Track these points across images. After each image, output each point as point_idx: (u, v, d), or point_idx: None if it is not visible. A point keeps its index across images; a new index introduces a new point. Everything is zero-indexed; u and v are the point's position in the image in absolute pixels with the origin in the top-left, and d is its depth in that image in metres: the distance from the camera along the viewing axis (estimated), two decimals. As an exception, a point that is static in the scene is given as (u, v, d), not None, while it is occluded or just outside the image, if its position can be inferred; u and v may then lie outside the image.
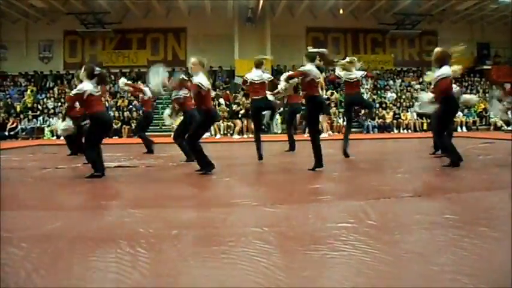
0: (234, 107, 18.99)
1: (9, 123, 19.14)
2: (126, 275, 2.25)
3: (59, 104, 20.80)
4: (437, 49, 6.31)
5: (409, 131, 19.48)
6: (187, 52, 23.47)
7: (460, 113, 20.18)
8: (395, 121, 19.79)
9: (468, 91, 23.15)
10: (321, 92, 7.12)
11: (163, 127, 16.59)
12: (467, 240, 2.73)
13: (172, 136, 8.56)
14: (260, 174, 5.88)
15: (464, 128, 19.35)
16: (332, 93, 20.28)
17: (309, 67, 6.08)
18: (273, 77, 8.35)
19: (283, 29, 22.50)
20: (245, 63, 20.99)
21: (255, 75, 7.81)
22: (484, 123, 20.44)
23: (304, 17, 22.80)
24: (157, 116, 16.79)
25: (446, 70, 6.08)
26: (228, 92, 20.38)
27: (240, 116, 18.31)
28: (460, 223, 3.18)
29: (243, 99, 18.54)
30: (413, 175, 5.76)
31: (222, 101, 19.07)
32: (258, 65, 7.92)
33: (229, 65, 22.79)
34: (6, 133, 18.69)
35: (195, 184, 5.53)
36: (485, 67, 24.68)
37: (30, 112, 20.16)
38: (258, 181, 5.50)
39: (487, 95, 22.85)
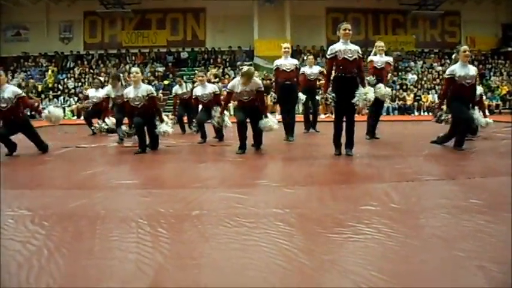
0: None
1: (31, 103, 19.30)
2: (146, 255, 2.25)
3: (79, 84, 20.94)
4: None
5: (430, 113, 19.12)
6: (206, 32, 23.39)
7: (483, 97, 19.72)
8: (416, 103, 19.48)
9: (492, 74, 22.67)
10: None
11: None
12: (493, 226, 2.67)
13: None
14: (282, 156, 5.83)
15: (487, 112, 18.83)
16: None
17: None
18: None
19: (303, 9, 22.17)
20: (264, 44, 20.86)
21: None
22: (507, 106, 19.95)
23: (324, -3, 22.43)
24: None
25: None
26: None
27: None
28: (485, 208, 3.10)
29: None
30: (436, 158, 5.65)
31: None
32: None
33: (248, 45, 22.62)
34: (28, 113, 18.82)
35: (216, 164, 5.52)
36: (510, 49, 24.02)
37: (51, 92, 20.35)
38: (279, 162, 5.46)
39: (511, 77, 22.32)
